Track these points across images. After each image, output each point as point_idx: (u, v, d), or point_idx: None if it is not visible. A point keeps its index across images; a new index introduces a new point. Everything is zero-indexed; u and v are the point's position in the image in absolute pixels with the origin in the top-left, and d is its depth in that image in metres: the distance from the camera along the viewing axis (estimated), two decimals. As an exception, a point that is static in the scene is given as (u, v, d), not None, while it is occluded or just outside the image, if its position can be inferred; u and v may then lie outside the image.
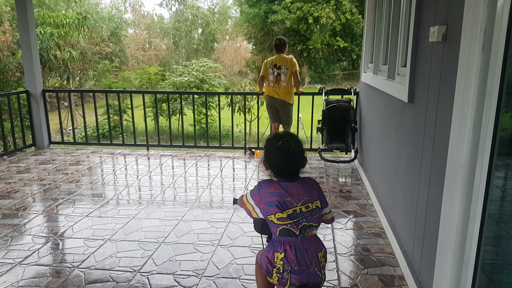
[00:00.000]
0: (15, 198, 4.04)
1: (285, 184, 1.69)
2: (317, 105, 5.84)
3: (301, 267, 1.61)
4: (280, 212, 1.63)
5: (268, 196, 1.67)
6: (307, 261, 1.62)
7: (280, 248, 1.63)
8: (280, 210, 1.63)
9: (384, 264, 2.78)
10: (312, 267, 1.63)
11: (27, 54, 5.86)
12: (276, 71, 5.30)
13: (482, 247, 1.66)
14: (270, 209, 1.65)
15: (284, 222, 1.63)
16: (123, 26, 27.16)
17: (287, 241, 1.63)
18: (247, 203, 1.77)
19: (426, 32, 2.37)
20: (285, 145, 1.68)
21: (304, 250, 1.63)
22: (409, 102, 2.69)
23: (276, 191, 1.66)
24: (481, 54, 1.57)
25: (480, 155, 1.62)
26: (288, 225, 1.63)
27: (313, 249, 1.65)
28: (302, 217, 1.63)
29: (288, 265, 1.61)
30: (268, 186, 1.69)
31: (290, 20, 25.48)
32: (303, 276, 1.62)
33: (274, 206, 1.64)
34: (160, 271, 2.68)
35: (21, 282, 2.55)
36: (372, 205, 3.87)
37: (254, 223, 1.83)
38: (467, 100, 1.66)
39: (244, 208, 1.81)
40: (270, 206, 1.65)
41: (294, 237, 1.63)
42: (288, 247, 1.62)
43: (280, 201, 1.64)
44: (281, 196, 1.65)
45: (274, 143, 1.71)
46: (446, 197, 1.87)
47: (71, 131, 7.42)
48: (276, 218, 1.64)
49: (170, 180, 4.70)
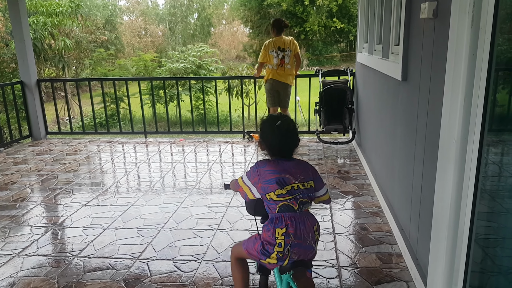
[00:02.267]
0: (13, 190, 4.05)
1: (282, 162, 1.74)
2: (315, 87, 5.81)
3: (299, 241, 1.66)
4: (280, 188, 1.67)
5: (267, 174, 1.71)
6: (305, 235, 1.67)
7: (281, 224, 1.66)
8: (280, 186, 1.67)
9: (382, 242, 2.80)
10: (308, 240, 1.69)
11: (20, 44, 5.81)
12: (280, 54, 5.22)
13: (475, 221, 1.67)
14: (269, 186, 1.69)
15: (284, 198, 1.67)
16: (117, 13, 26.88)
17: (288, 216, 1.67)
18: (243, 185, 1.79)
19: (417, 9, 2.33)
20: (285, 125, 1.72)
21: (303, 224, 1.68)
22: (403, 80, 2.67)
23: (275, 169, 1.71)
24: (470, 29, 1.55)
25: (472, 130, 1.61)
26: (288, 201, 1.68)
27: (310, 223, 1.71)
28: (299, 193, 1.69)
29: (289, 239, 1.65)
30: (267, 165, 1.74)
31: (286, 2, 25.16)
32: (301, 249, 1.67)
33: (274, 183, 1.68)
34: (160, 257, 2.71)
35: (20, 273, 2.57)
36: (369, 185, 3.88)
37: (246, 206, 1.86)
38: (458, 75, 1.64)
39: (239, 191, 1.83)
40: (269, 183, 1.69)
41: (294, 212, 1.68)
42: (289, 222, 1.66)
43: (279, 178, 1.68)
44: (280, 173, 1.69)
45: (272, 123, 1.74)
46: (439, 173, 1.87)
47: (68, 121, 7.41)
48: (276, 195, 1.68)
49: (169, 166, 4.70)
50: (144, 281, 2.44)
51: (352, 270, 2.49)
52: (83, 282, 2.44)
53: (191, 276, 2.47)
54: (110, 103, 9.74)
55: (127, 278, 2.48)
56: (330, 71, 6.13)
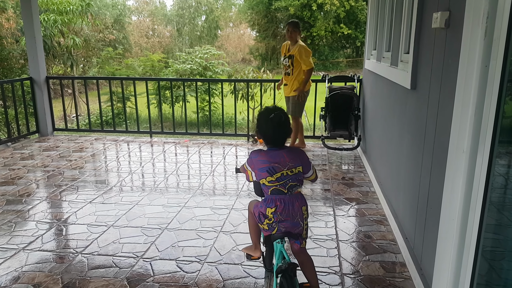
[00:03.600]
0: (19, 185, 4.07)
1: (273, 153, 2.00)
2: (320, 92, 5.81)
3: (288, 218, 1.97)
4: (270, 176, 1.96)
5: (259, 164, 1.99)
6: (293, 214, 1.97)
7: (272, 204, 1.96)
8: (270, 174, 1.95)
9: (386, 251, 2.79)
10: (296, 218, 1.98)
11: (30, 41, 5.86)
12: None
13: (482, 234, 1.66)
14: (261, 174, 1.98)
15: (274, 184, 1.96)
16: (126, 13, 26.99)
17: (278, 198, 1.97)
18: (247, 169, 2.09)
19: (429, 18, 2.34)
20: (277, 118, 1.97)
21: (291, 204, 1.97)
22: (411, 88, 2.67)
23: (266, 159, 1.98)
24: (483, 40, 1.55)
25: (482, 141, 1.61)
26: (278, 186, 1.97)
27: (298, 204, 1.99)
28: (288, 179, 1.96)
29: (277, 217, 1.96)
30: (259, 156, 2.01)
31: (294, 7, 25.20)
32: (288, 225, 1.98)
33: (265, 171, 1.96)
34: (163, 257, 2.71)
35: (25, 267, 2.58)
36: (374, 192, 3.87)
37: (254, 187, 2.30)
38: (469, 87, 1.64)
39: (245, 173, 2.13)
40: (261, 172, 1.97)
41: (284, 194, 1.98)
42: (278, 203, 1.95)
43: (269, 167, 1.96)
44: (270, 163, 1.96)
45: (267, 116, 1.99)
46: (447, 184, 1.86)
47: (75, 118, 7.44)
48: (267, 181, 1.97)
49: (173, 167, 4.72)
50: (147, 280, 2.44)
51: (355, 278, 2.49)
52: (87, 279, 2.45)
53: (194, 277, 2.48)
54: (116, 102, 9.79)
55: (130, 276, 2.48)
56: (337, 77, 6.13)
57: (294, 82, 5.10)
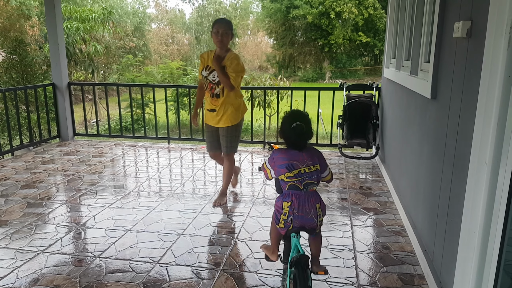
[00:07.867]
0: (40, 188, 4.16)
1: (293, 152, 2.14)
2: (338, 100, 5.79)
3: (302, 213, 2.09)
4: (289, 172, 2.10)
5: (279, 160, 2.14)
6: (307, 209, 2.10)
7: (288, 199, 2.11)
8: (289, 170, 2.09)
9: (404, 262, 2.74)
10: (310, 214, 2.11)
11: (54, 47, 6.01)
12: None
13: (505, 247, 1.62)
14: (281, 170, 2.12)
15: (292, 180, 2.10)
16: (146, 21, 27.49)
17: (294, 193, 2.11)
18: (266, 168, 2.24)
19: (450, 28, 2.31)
20: (298, 129, 2.08)
21: (307, 201, 2.11)
22: (432, 98, 2.64)
23: (286, 157, 2.13)
24: (506, 50, 1.52)
25: (505, 153, 1.58)
26: (295, 182, 2.10)
27: (313, 201, 2.13)
28: (305, 176, 2.10)
29: (292, 211, 2.09)
30: (280, 153, 2.17)
31: (312, 15, 25.26)
32: (303, 221, 2.11)
33: (284, 167, 2.10)
34: (179, 263, 2.72)
35: (44, 270, 2.63)
36: (392, 203, 3.82)
37: (275, 185, 2.46)
38: (491, 97, 1.62)
39: (264, 172, 2.26)
40: (281, 168, 2.12)
41: (300, 191, 2.11)
42: (294, 198, 2.10)
43: (288, 163, 2.10)
44: (289, 160, 2.11)
45: (290, 123, 2.11)
46: (468, 196, 1.83)
47: (95, 124, 7.58)
48: (286, 177, 2.11)
49: (189, 173, 4.75)
50: (163, 286, 2.45)
51: (372, 288, 2.45)
52: (104, 283, 2.48)
53: (210, 284, 2.48)
54: (136, 108, 9.94)
55: (147, 281, 2.50)
56: (355, 85, 6.10)
57: (228, 107, 3.63)
